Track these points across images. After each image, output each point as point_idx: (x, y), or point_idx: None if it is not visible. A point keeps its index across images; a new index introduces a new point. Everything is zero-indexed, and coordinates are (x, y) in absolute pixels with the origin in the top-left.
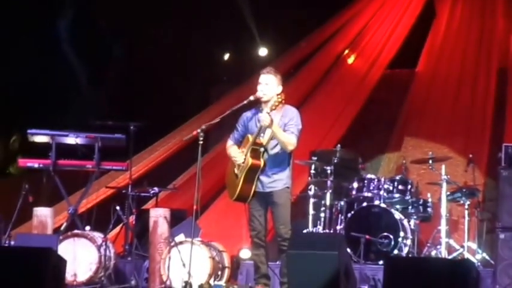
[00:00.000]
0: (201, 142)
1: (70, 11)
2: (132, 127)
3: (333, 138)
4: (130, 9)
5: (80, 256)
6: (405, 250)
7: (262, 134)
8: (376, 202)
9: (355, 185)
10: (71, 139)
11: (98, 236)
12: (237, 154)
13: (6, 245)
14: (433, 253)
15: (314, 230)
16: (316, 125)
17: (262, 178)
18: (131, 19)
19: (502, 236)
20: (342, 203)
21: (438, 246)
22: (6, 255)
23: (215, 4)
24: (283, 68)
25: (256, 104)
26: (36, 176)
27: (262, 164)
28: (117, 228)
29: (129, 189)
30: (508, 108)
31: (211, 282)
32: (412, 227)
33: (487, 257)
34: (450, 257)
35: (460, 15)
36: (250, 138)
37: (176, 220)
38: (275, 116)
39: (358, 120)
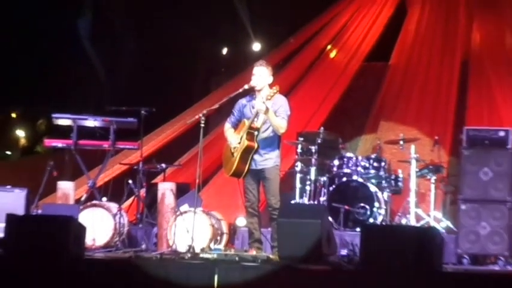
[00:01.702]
0: (203, 125)
1: (88, 11)
2: (142, 112)
3: (317, 122)
4: (142, 11)
5: (98, 223)
6: (379, 219)
7: (256, 119)
8: (354, 177)
9: (336, 162)
10: (90, 122)
11: (114, 206)
12: (233, 139)
13: (34, 213)
14: (403, 221)
15: (300, 201)
16: (302, 110)
17: (255, 157)
18: (143, 19)
19: (463, 206)
20: (325, 178)
21: (408, 216)
22: (34, 222)
23: (215, 5)
24: (274, 61)
25: (250, 92)
26: (60, 154)
27: (256, 146)
28: (130, 200)
29: (140, 165)
30: (469, 96)
31: (212, 246)
32: (385, 198)
33: (450, 225)
34: (418, 225)
35: (428, 15)
36: (246, 122)
37: (181, 192)
38: (267, 103)
39: (339, 106)
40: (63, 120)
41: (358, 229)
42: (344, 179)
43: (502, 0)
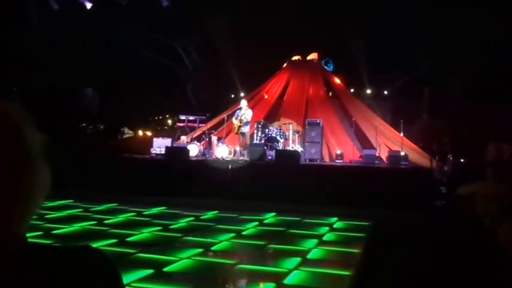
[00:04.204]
0: (225, 118)
1: (190, 84)
2: (207, 115)
3: (260, 118)
4: (207, 84)
5: (193, 149)
6: (280, 147)
7: (242, 116)
8: (272, 135)
9: (266, 130)
10: (191, 117)
11: (198, 143)
12: (235, 122)
13: (174, 146)
14: (287, 148)
15: (256, 142)
16: (256, 115)
17: (242, 128)
18: (206, 89)
19: (306, 144)
20: (263, 135)
21: (288, 147)
22: (174, 148)
23: (227, 81)
24: (248, 98)
25: (240, 108)
26: (181, 128)
27: (242, 124)
28: (203, 141)
29: (207, 131)
30: (309, 109)
31: (229, 156)
32: (282, 141)
33: (302, 149)
34: (292, 150)
35: (298, 83)
36: (239, 117)
37: (218, 140)
38: (245, 112)
39: (268, 114)
40: (183, 117)
41: (274, 151)
42: (269, 135)
43: (319, 80)
